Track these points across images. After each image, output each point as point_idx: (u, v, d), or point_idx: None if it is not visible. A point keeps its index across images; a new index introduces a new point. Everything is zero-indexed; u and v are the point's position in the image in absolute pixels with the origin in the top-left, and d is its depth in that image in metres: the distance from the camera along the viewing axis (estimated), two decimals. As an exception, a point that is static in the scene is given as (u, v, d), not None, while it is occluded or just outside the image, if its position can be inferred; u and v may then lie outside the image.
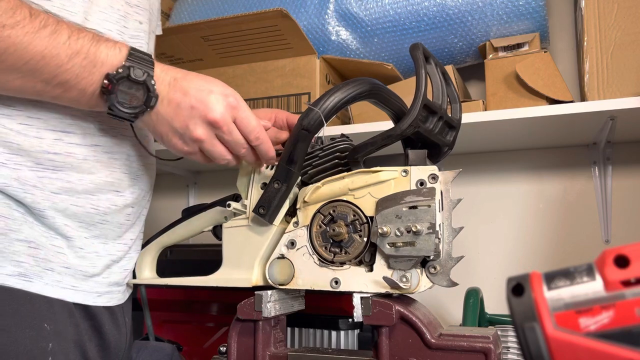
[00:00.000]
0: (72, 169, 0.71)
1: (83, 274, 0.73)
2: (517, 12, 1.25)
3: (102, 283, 0.77)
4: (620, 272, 0.37)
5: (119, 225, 0.78)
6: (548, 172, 1.43)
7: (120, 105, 0.65)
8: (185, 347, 1.14)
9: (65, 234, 0.71)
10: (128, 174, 0.78)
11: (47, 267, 0.70)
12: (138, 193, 0.81)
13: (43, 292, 0.69)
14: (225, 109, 0.68)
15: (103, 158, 0.74)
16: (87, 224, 0.74)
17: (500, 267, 1.43)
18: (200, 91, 0.67)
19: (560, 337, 0.37)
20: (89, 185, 0.73)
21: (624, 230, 1.35)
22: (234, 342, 0.73)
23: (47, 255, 0.70)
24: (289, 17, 1.21)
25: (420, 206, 0.65)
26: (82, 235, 0.73)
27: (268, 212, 0.72)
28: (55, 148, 0.69)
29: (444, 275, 0.67)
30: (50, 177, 0.69)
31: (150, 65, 0.66)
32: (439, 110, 0.70)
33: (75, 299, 0.72)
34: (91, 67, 0.63)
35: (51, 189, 0.69)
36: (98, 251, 0.76)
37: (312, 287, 0.70)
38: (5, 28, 0.58)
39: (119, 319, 0.81)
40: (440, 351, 0.64)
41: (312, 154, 0.74)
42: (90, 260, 0.74)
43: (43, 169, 0.69)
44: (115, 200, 0.76)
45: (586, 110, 1.11)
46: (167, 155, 0.81)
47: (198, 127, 0.67)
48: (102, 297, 0.77)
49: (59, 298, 0.70)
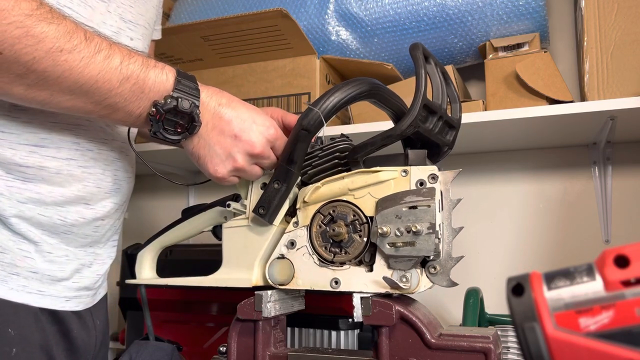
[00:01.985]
0: (42, 181, 0.71)
1: (51, 278, 0.73)
2: (517, 12, 1.25)
3: (71, 288, 0.77)
4: (620, 272, 0.37)
5: (84, 236, 0.78)
6: (548, 172, 1.43)
7: (166, 132, 0.67)
8: (185, 347, 1.14)
9: (31, 239, 0.71)
10: (101, 189, 0.78)
11: (12, 272, 0.70)
12: (110, 207, 0.81)
13: (7, 297, 0.69)
14: (267, 140, 0.70)
15: (77, 172, 0.74)
16: (51, 233, 0.74)
17: (500, 267, 1.43)
18: (243, 121, 0.70)
19: (560, 337, 0.37)
20: (58, 198, 0.73)
21: (624, 230, 1.34)
22: (234, 342, 0.73)
23: (13, 259, 0.70)
24: (289, 17, 1.21)
25: (420, 206, 0.65)
26: (48, 241, 0.73)
27: (268, 212, 0.72)
28: (28, 161, 0.70)
29: (444, 275, 0.67)
30: (19, 187, 0.70)
31: (197, 94, 0.68)
32: (439, 110, 0.70)
33: (41, 303, 0.72)
34: (139, 92, 0.65)
35: (18, 198, 0.70)
36: (68, 255, 0.76)
37: (312, 287, 0.70)
38: (63, 52, 0.59)
39: (87, 322, 0.81)
40: (440, 351, 0.64)
41: (312, 154, 0.74)
42: (60, 264, 0.74)
43: (13, 179, 0.69)
44: (84, 213, 0.76)
45: (586, 110, 1.11)
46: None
47: (240, 156, 0.70)
48: (70, 301, 0.77)
49: (24, 303, 0.70)
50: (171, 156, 1.53)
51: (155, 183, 1.83)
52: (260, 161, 0.71)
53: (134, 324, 1.25)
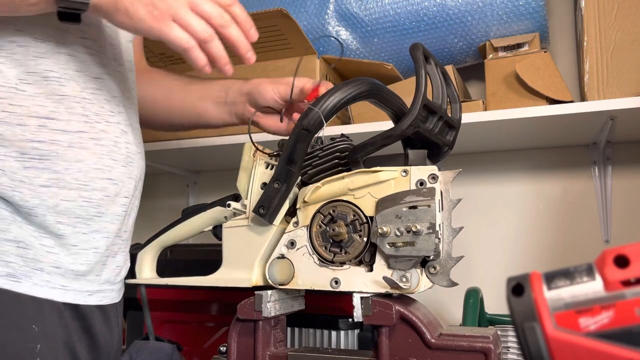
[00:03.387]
0: (57, 157, 0.70)
1: (74, 272, 0.72)
2: (517, 12, 1.25)
3: (94, 281, 0.75)
4: (620, 272, 0.37)
5: (114, 217, 0.77)
6: (548, 172, 1.43)
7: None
8: (185, 347, 1.14)
9: (55, 232, 0.70)
10: (117, 161, 0.76)
11: (36, 267, 0.69)
12: (128, 182, 0.79)
13: (31, 292, 0.68)
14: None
15: (89, 144, 0.73)
16: (84, 219, 0.73)
17: (500, 267, 1.43)
18: None
19: (560, 337, 0.37)
20: (76, 174, 0.71)
21: (624, 230, 1.34)
22: (234, 342, 0.73)
23: (36, 255, 0.69)
24: (289, 17, 1.21)
25: (420, 206, 0.65)
26: (74, 231, 0.72)
27: (268, 212, 0.72)
28: (39, 136, 0.68)
29: (444, 275, 0.67)
30: (37, 167, 0.68)
31: None
32: (439, 110, 0.70)
33: (64, 298, 0.72)
34: None
35: (39, 182, 0.68)
36: (97, 247, 0.75)
37: (312, 287, 0.70)
38: None
39: (111, 318, 0.80)
40: (440, 351, 0.64)
41: (312, 154, 0.74)
42: (86, 256, 0.73)
43: (29, 158, 0.68)
44: (108, 189, 0.75)
45: (586, 110, 1.11)
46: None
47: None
48: (93, 295, 0.76)
49: (48, 298, 0.70)
50: (171, 156, 1.53)
51: (155, 183, 1.83)
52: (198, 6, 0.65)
53: (134, 324, 1.25)
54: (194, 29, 0.65)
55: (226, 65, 0.70)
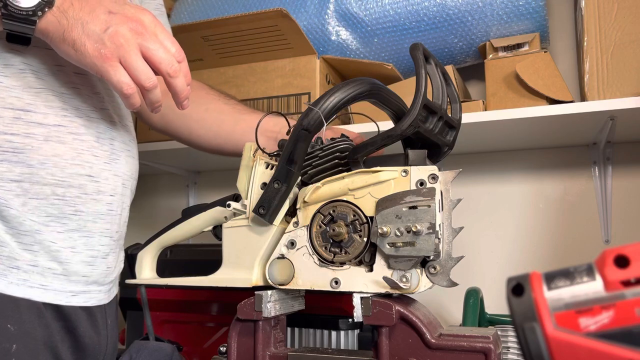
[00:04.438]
0: (32, 150, 0.68)
1: (52, 271, 0.71)
2: (517, 12, 1.25)
3: (79, 282, 0.74)
4: (620, 272, 0.37)
5: (99, 216, 0.75)
6: (548, 172, 1.43)
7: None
8: (185, 347, 1.14)
9: (32, 230, 0.69)
10: (99, 157, 0.75)
11: (12, 265, 0.67)
12: (113, 180, 0.77)
13: (7, 291, 0.67)
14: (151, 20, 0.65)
15: (67, 139, 0.71)
16: (57, 217, 0.71)
17: (500, 267, 1.43)
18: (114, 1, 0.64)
19: (560, 337, 0.37)
20: (52, 169, 0.69)
21: (624, 230, 1.35)
22: (234, 342, 0.73)
23: (11, 252, 0.68)
24: (289, 17, 1.21)
25: (420, 206, 0.65)
26: (55, 229, 0.71)
27: (268, 212, 0.72)
28: (12, 128, 0.67)
29: (444, 275, 0.67)
30: (10, 160, 0.67)
31: None
32: (439, 110, 0.70)
33: (44, 298, 0.70)
34: None
35: (10, 177, 0.67)
36: (74, 246, 0.73)
37: (312, 287, 0.70)
38: None
39: (98, 320, 0.78)
40: (440, 351, 0.64)
41: (312, 154, 0.74)
42: (65, 256, 0.72)
43: (2, 151, 0.67)
44: (86, 186, 0.73)
45: (586, 110, 1.11)
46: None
47: (120, 27, 0.62)
48: (78, 296, 0.74)
49: (25, 297, 0.68)
50: (171, 156, 1.53)
51: (155, 183, 1.83)
52: (145, 43, 0.64)
53: (134, 324, 1.25)
54: (138, 75, 0.64)
55: (155, 110, 0.70)
